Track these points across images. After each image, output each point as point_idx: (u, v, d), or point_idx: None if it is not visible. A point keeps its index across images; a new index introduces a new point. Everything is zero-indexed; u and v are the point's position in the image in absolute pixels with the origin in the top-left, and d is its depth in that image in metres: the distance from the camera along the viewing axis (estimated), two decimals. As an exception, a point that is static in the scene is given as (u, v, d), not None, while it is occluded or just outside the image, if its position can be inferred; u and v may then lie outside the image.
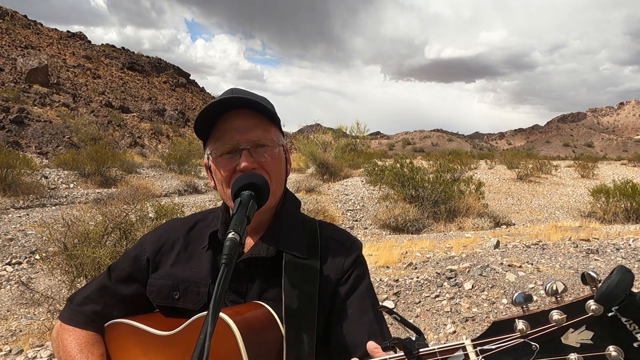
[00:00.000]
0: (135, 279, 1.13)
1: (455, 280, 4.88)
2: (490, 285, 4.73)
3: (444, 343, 0.70)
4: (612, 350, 0.57)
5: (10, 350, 4.02)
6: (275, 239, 1.06)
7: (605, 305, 0.57)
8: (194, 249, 1.13)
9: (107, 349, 1.11)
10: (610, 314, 0.57)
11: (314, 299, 1.00)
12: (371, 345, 0.82)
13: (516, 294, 0.65)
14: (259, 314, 0.96)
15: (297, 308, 0.97)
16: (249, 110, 1.04)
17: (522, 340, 0.62)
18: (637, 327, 0.57)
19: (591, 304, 0.58)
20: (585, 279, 0.60)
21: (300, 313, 0.97)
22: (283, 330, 0.94)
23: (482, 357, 0.64)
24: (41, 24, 52.99)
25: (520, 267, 5.28)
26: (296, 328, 0.94)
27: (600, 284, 0.58)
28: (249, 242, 1.09)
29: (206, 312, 0.71)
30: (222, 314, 0.88)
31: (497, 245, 6.99)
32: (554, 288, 0.62)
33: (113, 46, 62.23)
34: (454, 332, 4.08)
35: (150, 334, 1.04)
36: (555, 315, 0.60)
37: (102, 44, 60.42)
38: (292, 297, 0.98)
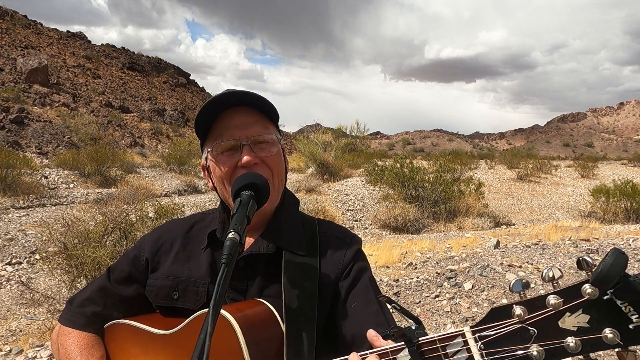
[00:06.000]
0: (135, 280, 1.14)
1: (455, 280, 4.88)
2: (490, 285, 4.73)
3: (443, 332, 0.71)
4: (608, 332, 0.58)
5: (10, 350, 4.01)
6: (274, 236, 1.07)
7: (601, 287, 0.58)
8: (193, 249, 1.13)
9: (106, 350, 1.11)
10: (605, 297, 0.58)
11: (313, 296, 1.00)
12: (371, 334, 0.82)
13: (513, 281, 0.65)
14: (260, 311, 0.96)
15: (297, 305, 0.97)
16: (248, 107, 1.05)
17: (520, 325, 0.63)
18: (632, 309, 0.57)
19: (587, 288, 0.59)
20: (581, 264, 0.60)
21: (300, 309, 0.97)
22: (283, 327, 0.94)
23: (482, 344, 0.65)
24: (41, 24, 53.03)
25: (520, 267, 5.27)
26: (296, 324, 0.95)
27: (595, 267, 0.58)
28: (249, 240, 1.09)
29: (207, 310, 0.71)
30: (223, 311, 0.88)
31: (497, 245, 6.98)
32: (551, 274, 0.63)
33: (113, 46, 62.27)
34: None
35: (150, 333, 1.04)
36: (552, 299, 0.61)
37: (102, 44, 60.46)
38: (292, 294, 0.98)
